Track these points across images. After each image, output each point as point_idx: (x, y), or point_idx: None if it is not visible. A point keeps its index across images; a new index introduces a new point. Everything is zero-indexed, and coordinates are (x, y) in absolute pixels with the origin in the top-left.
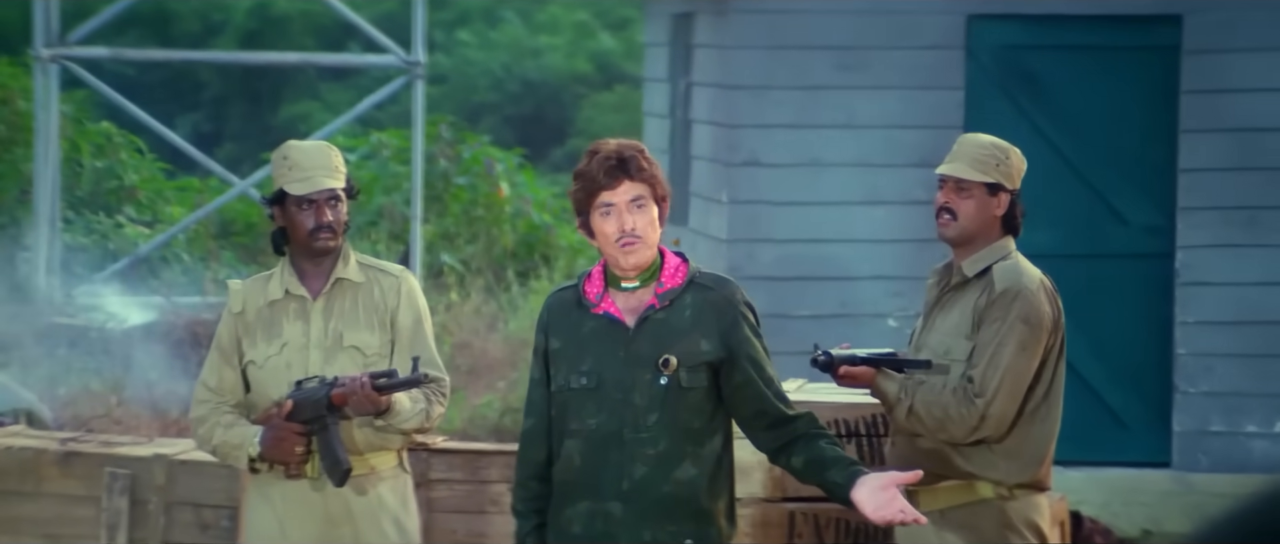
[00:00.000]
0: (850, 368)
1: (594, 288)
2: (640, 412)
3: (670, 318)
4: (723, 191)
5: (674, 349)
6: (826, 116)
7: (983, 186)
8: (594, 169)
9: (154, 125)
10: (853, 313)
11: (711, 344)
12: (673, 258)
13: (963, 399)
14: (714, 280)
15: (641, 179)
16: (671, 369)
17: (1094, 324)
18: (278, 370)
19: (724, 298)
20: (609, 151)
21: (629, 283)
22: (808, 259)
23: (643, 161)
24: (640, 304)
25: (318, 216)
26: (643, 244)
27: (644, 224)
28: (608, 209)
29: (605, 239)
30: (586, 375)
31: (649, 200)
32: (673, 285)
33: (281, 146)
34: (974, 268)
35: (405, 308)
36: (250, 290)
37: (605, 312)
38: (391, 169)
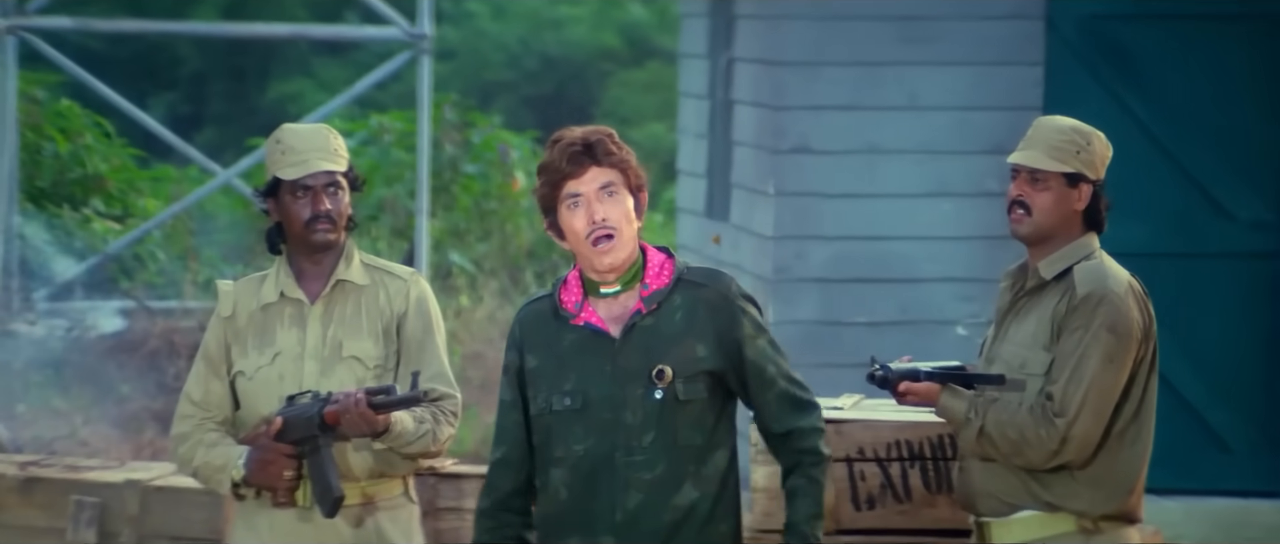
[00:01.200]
0: (912, 384)
1: (571, 296)
2: (633, 431)
3: (660, 323)
4: (769, 182)
5: (667, 358)
6: (886, 97)
7: (1061, 177)
8: (556, 158)
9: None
10: (915, 320)
11: (708, 349)
12: (656, 255)
13: (1041, 419)
14: (704, 275)
15: (611, 164)
16: (666, 381)
17: (1192, 332)
18: (269, 383)
19: (718, 294)
20: (573, 138)
21: (609, 287)
22: (864, 259)
23: (611, 145)
24: (625, 311)
25: (314, 205)
26: (619, 240)
27: (617, 215)
28: (575, 200)
29: (576, 236)
30: (570, 395)
31: (621, 188)
32: (659, 286)
33: (276, 130)
34: (1052, 269)
35: (414, 315)
36: (242, 292)
37: (586, 322)
38: (394, 156)
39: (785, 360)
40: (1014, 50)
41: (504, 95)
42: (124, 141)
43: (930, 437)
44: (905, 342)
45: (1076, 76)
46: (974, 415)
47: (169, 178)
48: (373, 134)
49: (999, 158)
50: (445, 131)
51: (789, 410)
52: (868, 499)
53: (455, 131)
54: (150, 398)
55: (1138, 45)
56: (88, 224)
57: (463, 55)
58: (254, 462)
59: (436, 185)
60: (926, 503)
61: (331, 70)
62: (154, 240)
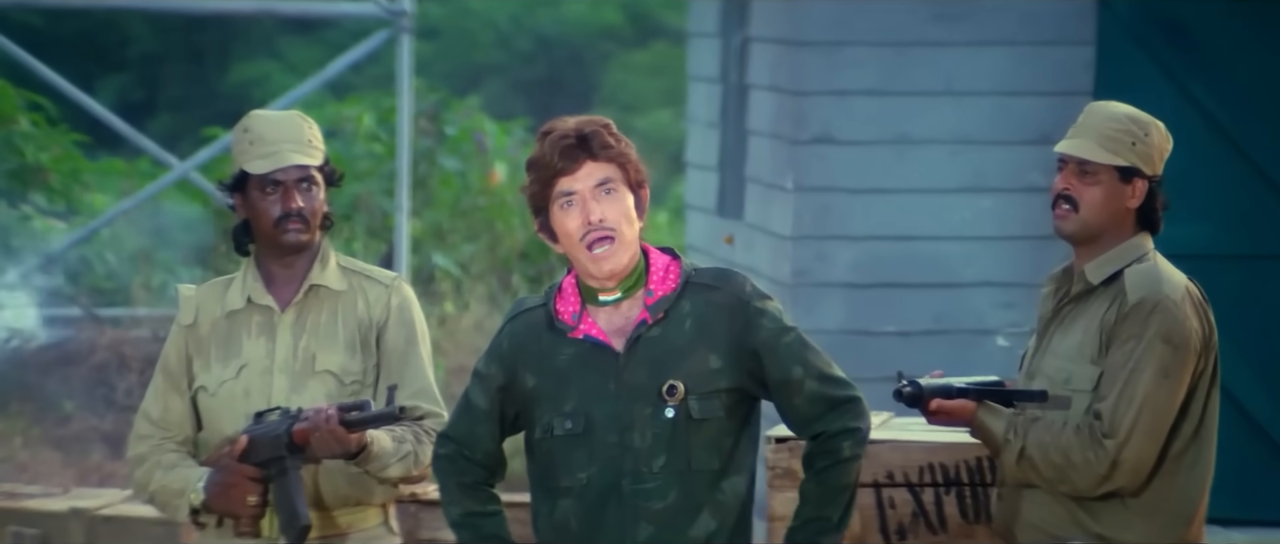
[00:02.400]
0: (944, 401)
1: (568, 306)
2: (642, 456)
3: (668, 333)
4: (787, 176)
5: (678, 372)
6: (918, 80)
7: (1113, 170)
8: (547, 152)
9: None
10: (950, 329)
11: (724, 359)
12: (661, 257)
13: (1088, 440)
14: (715, 276)
15: (608, 158)
16: (678, 398)
17: (1258, 342)
18: (234, 399)
19: (731, 297)
20: (565, 129)
21: (609, 295)
22: (894, 261)
23: (608, 137)
24: (628, 321)
25: (285, 202)
26: (618, 242)
27: (615, 214)
28: (568, 199)
29: (570, 239)
30: (571, 418)
31: (620, 185)
32: (665, 291)
33: (244, 118)
34: (1100, 273)
35: (396, 324)
36: (204, 299)
37: (586, 335)
38: (370, 148)
39: (819, 355)
40: (1061, 28)
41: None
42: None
43: (967, 460)
44: (938, 353)
45: (1132, 58)
46: (1013, 436)
47: (119, 171)
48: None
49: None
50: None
51: (820, 411)
52: (898, 529)
53: (427, 121)
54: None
55: (1201, 23)
56: (26, 222)
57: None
58: (215, 485)
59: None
60: (963, 533)
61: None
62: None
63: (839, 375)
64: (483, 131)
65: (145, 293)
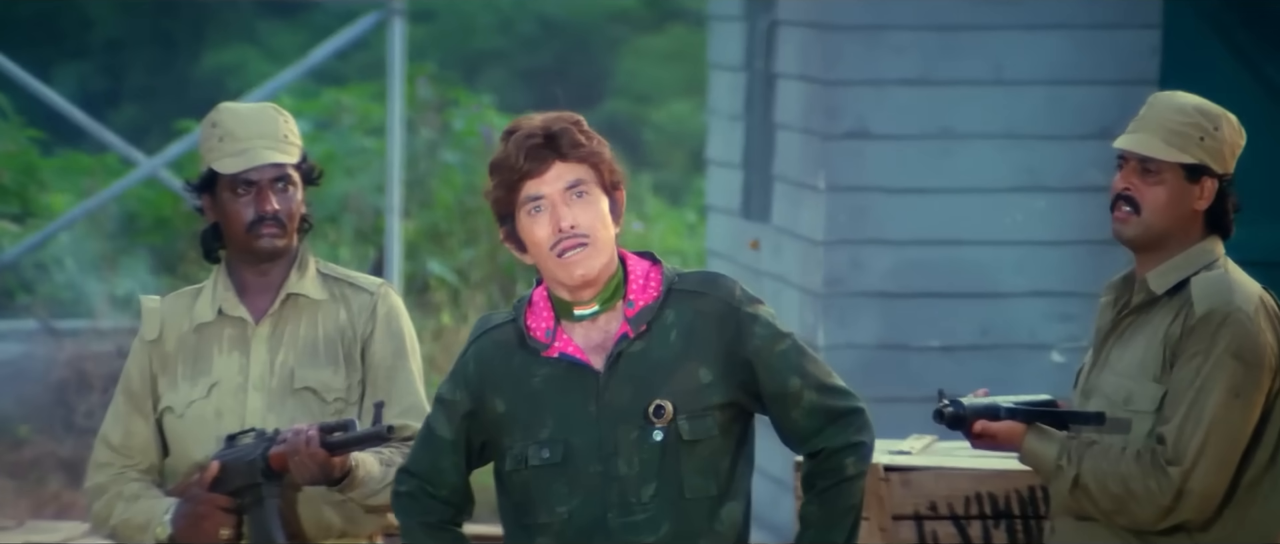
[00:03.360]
0: (990, 423)
1: (540, 322)
2: (629, 485)
3: (652, 347)
4: (819, 174)
5: (665, 390)
6: (964, 68)
7: (1179, 168)
8: (512, 153)
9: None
10: (998, 343)
11: (715, 372)
12: (639, 263)
13: (1151, 468)
14: (700, 281)
15: (579, 158)
16: (667, 418)
17: None
18: (204, 421)
19: (719, 303)
20: (531, 128)
21: (585, 308)
22: (936, 268)
23: (578, 135)
24: (607, 336)
25: (259, 204)
26: (591, 248)
27: (589, 219)
28: (536, 204)
29: (539, 248)
30: (548, 446)
31: (593, 187)
32: (646, 301)
33: (212, 111)
34: (1165, 281)
35: (383, 336)
36: (171, 311)
37: (561, 353)
38: (358, 143)
39: (818, 365)
40: (1123, 10)
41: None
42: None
43: (1018, 489)
44: (985, 370)
45: (1202, 43)
46: (1067, 463)
47: (80, 168)
48: (330, 114)
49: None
50: (420, 112)
51: (820, 425)
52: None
53: (432, 112)
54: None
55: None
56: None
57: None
58: (183, 517)
59: (411, 178)
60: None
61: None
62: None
63: (840, 385)
64: (491, 126)
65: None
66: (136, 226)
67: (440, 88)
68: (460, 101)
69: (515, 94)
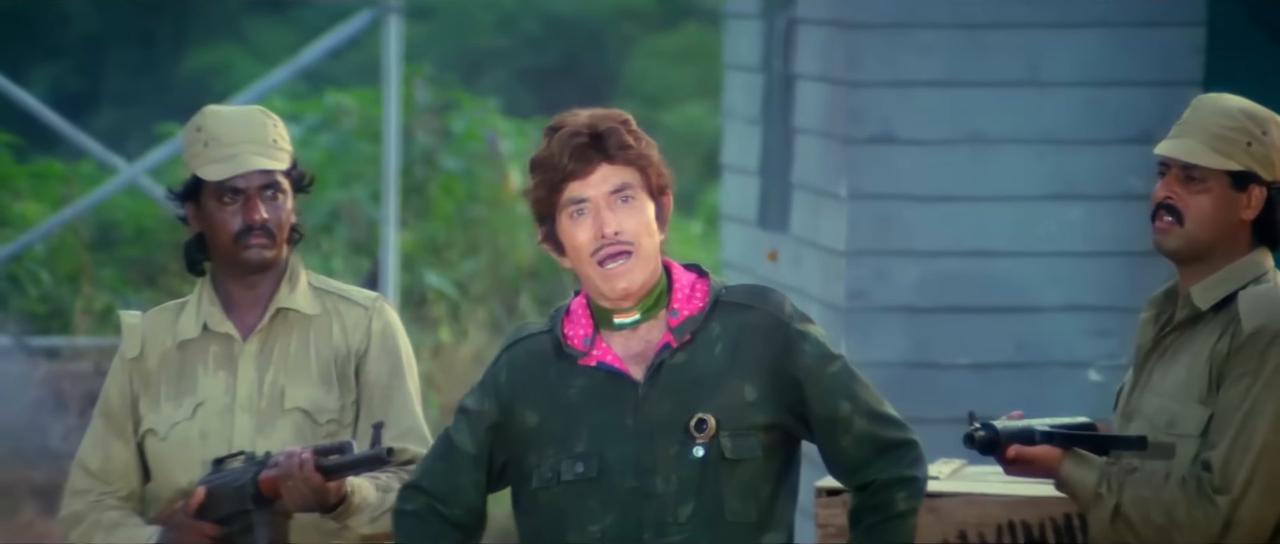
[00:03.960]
0: (1024, 447)
1: (577, 329)
2: (666, 503)
3: (695, 359)
4: (841, 181)
5: (708, 404)
6: (996, 68)
7: (1224, 176)
8: (556, 151)
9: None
10: (1031, 361)
11: (760, 391)
12: (685, 274)
13: (1196, 496)
14: (748, 294)
15: (626, 160)
16: (709, 434)
17: None
18: (189, 444)
19: (767, 318)
20: (577, 125)
21: (626, 317)
22: (965, 281)
23: (626, 135)
24: (648, 345)
25: (247, 213)
26: (634, 258)
27: (634, 226)
28: (579, 207)
29: (579, 254)
30: (582, 460)
31: (639, 191)
32: (691, 311)
33: (197, 114)
34: (1210, 296)
35: (378, 352)
36: (153, 327)
37: (599, 362)
38: (353, 148)
39: (870, 391)
40: (1166, 7)
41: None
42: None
43: (1054, 518)
44: (1019, 390)
45: (1249, 41)
46: (1107, 490)
47: (55, 175)
48: (326, 118)
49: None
50: (418, 115)
51: (870, 456)
52: None
53: (431, 116)
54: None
55: None
56: None
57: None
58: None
59: (408, 185)
60: None
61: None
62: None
63: (892, 414)
64: (495, 130)
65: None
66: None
67: (439, 89)
68: (460, 104)
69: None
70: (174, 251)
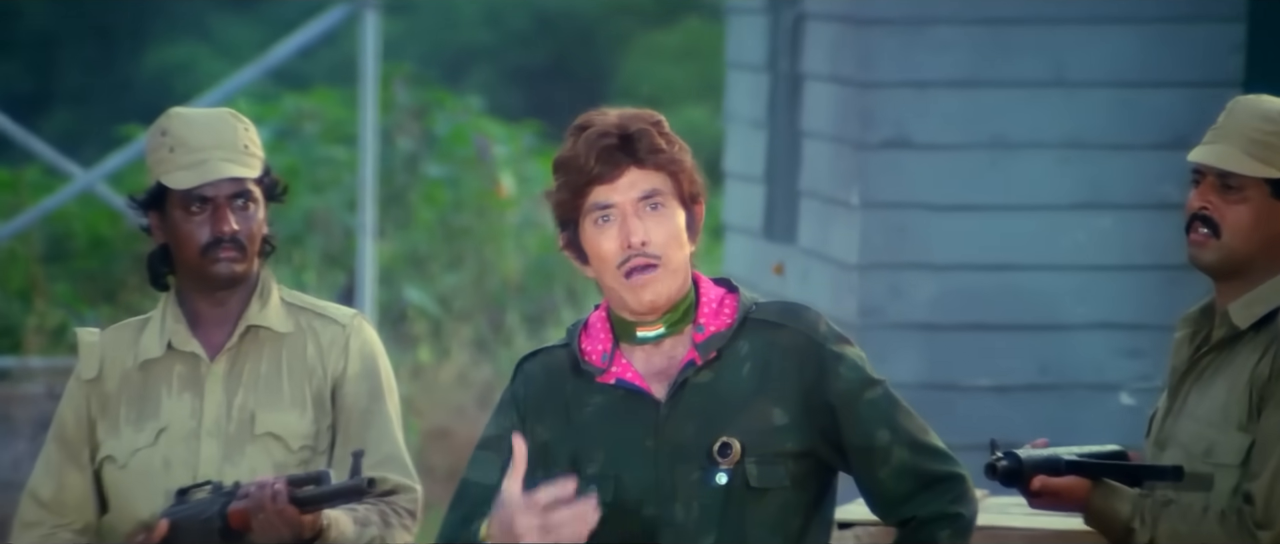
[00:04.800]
0: (1050, 478)
1: (596, 344)
2: (686, 533)
3: (721, 379)
4: (852, 189)
5: (733, 427)
6: (1019, 68)
7: (1264, 184)
8: (582, 152)
9: None
10: (1058, 383)
11: (791, 415)
12: (714, 288)
13: (1238, 531)
14: (780, 312)
15: (657, 165)
16: (733, 459)
17: None
18: (151, 472)
19: (801, 337)
20: (605, 125)
21: (649, 330)
22: (987, 296)
23: (658, 138)
24: (671, 362)
25: (216, 224)
26: (662, 270)
27: (662, 236)
28: (604, 214)
29: (604, 263)
30: (597, 482)
31: (670, 199)
32: (718, 328)
33: (161, 117)
34: (1249, 314)
35: (357, 374)
36: (112, 346)
37: (619, 379)
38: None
39: (913, 419)
40: (1203, 1)
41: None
42: None
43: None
44: (1044, 415)
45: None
46: (1140, 525)
47: (3, 182)
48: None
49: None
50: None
51: (911, 490)
52: None
53: (411, 118)
54: None
55: None
56: None
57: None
58: None
59: (387, 193)
60: None
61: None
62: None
63: (937, 445)
64: (486, 135)
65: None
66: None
67: (420, 90)
68: (443, 105)
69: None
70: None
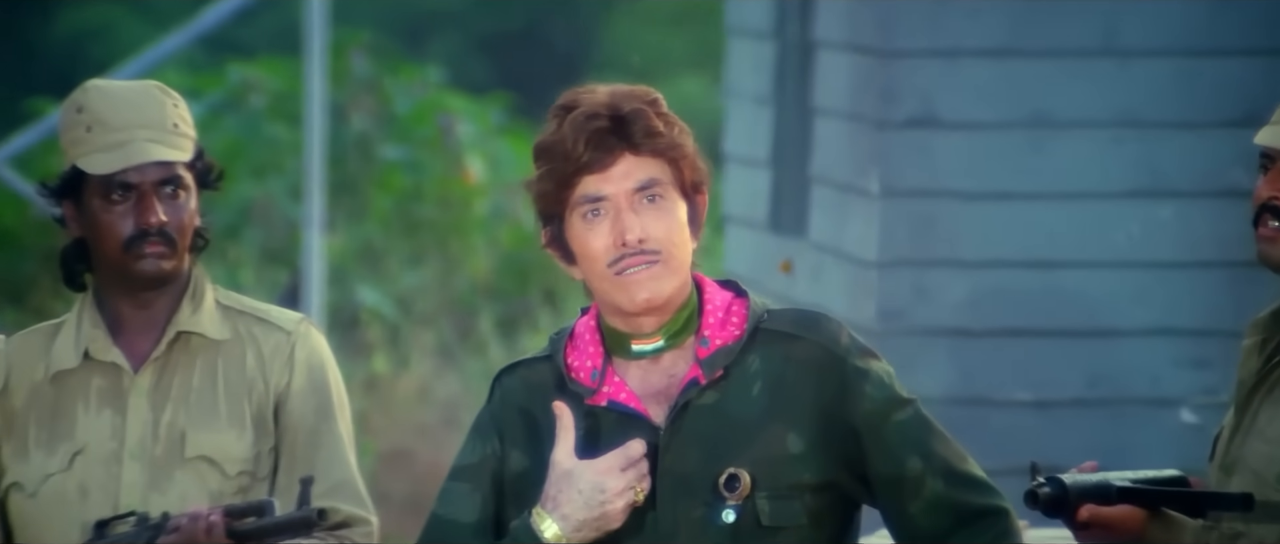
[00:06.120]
0: (1100, 507)
1: (584, 358)
2: None
3: (728, 400)
4: (871, 175)
5: (743, 457)
6: (1063, 35)
7: None
8: (569, 137)
9: None
10: (1109, 398)
11: (808, 441)
12: (720, 293)
13: None
14: (796, 321)
15: (654, 150)
16: (742, 493)
17: None
18: (65, 502)
19: (820, 351)
20: (595, 105)
21: (646, 343)
22: (1025, 298)
23: (655, 120)
24: (672, 381)
25: (140, 215)
26: (661, 266)
27: (661, 230)
28: (594, 207)
29: (593, 263)
30: None
31: (669, 189)
32: (725, 340)
33: (77, 91)
34: None
35: (304, 388)
36: (20, 355)
37: (611, 401)
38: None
39: (949, 445)
40: None
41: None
42: None
43: None
44: (1093, 434)
45: None
46: None
47: None
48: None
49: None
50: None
51: (947, 525)
52: None
53: (367, 93)
54: None
55: None
56: None
57: None
58: None
59: (337, 180)
60: None
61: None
62: None
63: (976, 475)
64: (449, 112)
65: None
66: None
67: (377, 61)
68: (402, 78)
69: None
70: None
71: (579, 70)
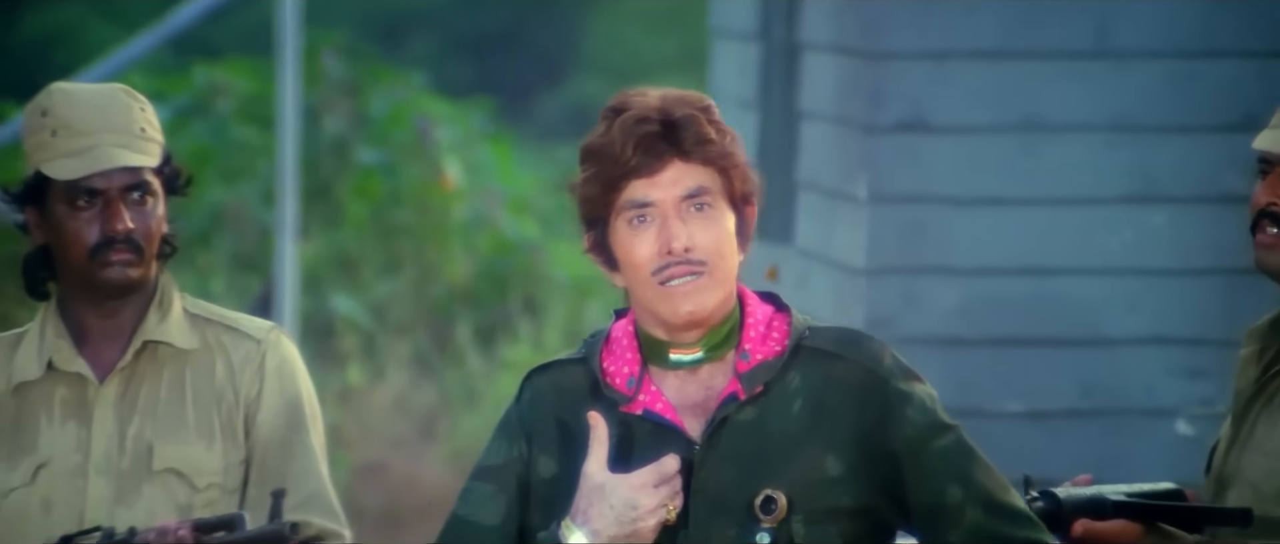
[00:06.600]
0: (1095, 523)
1: (621, 364)
2: None
3: (767, 417)
4: (859, 180)
5: (780, 478)
6: (1056, 36)
7: None
8: (618, 140)
9: None
10: (1102, 409)
11: (847, 464)
12: (761, 306)
13: None
14: (837, 339)
15: (705, 158)
16: (778, 516)
17: None
18: (27, 517)
19: (862, 371)
20: (646, 108)
21: (685, 353)
22: (1017, 306)
23: (707, 127)
24: (710, 394)
25: (107, 222)
26: (707, 278)
27: (708, 240)
28: (641, 213)
29: (637, 271)
30: None
31: (718, 198)
32: (765, 355)
33: (41, 94)
34: None
35: (275, 399)
36: None
37: (646, 409)
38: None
39: (991, 474)
40: None
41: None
42: None
43: None
44: (1086, 446)
45: None
46: None
47: None
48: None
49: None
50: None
51: None
52: None
53: (342, 96)
54: None
55: None
56: None
57: None
58: None
59: (310, 185)
60: None
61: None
62: None
63: (1018, 506)
64: (426, 115)
65: None
66: None
67: (353, 63)
68: (379, 80)
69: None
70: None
71: (560, 71)
